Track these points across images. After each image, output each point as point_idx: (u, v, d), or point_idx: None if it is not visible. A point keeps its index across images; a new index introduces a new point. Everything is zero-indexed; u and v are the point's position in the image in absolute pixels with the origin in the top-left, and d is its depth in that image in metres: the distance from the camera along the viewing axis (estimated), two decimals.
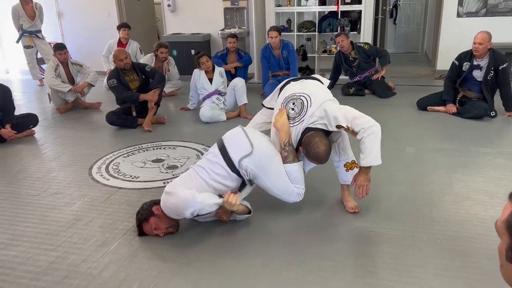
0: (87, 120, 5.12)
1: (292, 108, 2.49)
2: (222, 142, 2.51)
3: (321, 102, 2.43)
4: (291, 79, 2.78)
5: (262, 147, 2.46)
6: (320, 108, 2.41)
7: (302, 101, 2.47)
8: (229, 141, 2.49)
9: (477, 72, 4.45)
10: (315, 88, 2.60)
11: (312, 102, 2.45)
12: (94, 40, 7.39)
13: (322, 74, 6.80)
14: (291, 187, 2.42)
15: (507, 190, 2.90)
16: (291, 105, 2.50)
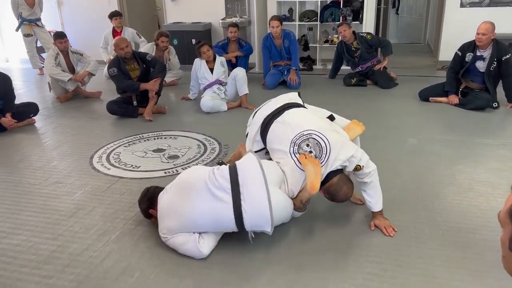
0: (87, 109, 5.09)
1: (309, 151, 2.21)
2: (239, 207, 2.09)
3: (341, 143, 2.23)
4: (271, 116, 2.42)
5: (279, 214, 2.17)
6: (345, 152, 2.20)
7: (317, 142, 2.20)
8: (249, 209, 2.08)
9: (480, 63, 4.42)
10: (314, 120, 2.36)
11: (330, 142, 2.20)
12: (94, 29, 7.33)
13: (323, 64, 6.78)
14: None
15: (509, 181, 2.91)
16: (305, 147, 2.22)
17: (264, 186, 2.09)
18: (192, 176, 2.29)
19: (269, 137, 2.40)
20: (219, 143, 3.80)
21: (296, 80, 5.58)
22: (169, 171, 3.27)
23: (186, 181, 2.27)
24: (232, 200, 2.09)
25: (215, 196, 2.11)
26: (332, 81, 5.98)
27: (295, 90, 5.44)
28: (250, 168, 2.19)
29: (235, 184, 2.12)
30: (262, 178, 2.11)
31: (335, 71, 6.03)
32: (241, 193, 2.09)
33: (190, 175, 2.32)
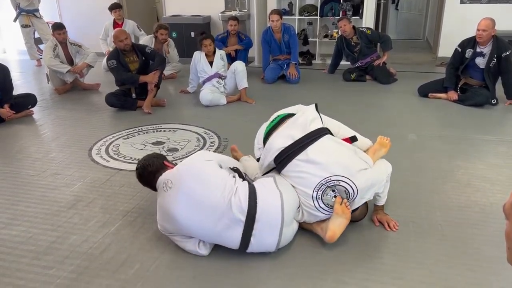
0: (86, 101, 5.07)
1: (334, 195, 2.11)
2: (248, 239, 2.03)
3: (369, 186, 2.12)
4: (290, 150, 2.14)
5: (283, 243, 2.14)
6: (371, 193, 2.16)
7: (345, 189, 2.08)
8: (256, 244, 2.05)
9: (479, 59, 4.42)
10: (341, 159, 2.13)
11: (358, 189, 2.08)
12: (93, 20, 7.28)
13: (323, 58, 6.77)
14: None
15: (508, 177, 2.92)
16: (331, 192, 2.10)
17: (278, 232, 2.03)
18: (206, 192, 2.03)
19: (288, 173, 2.17)
20: (218, 136, 3.79)
21: (295, 74, 5.58)
22: None
23: (200, 194, 2.03)
24: (242, 232, 2.01)
25: (226, 226, 2.01)
26: (332, 76, 5.97)
27: (295, 84, 5.53)
28: (270, 210, 2.03)
29: (251, 219, 2.00)
30: (279, 225, 2.02)
31: (334, 66, 6.03)
32: (254, 228, 2.00)
33: (204, 189, 2.04)
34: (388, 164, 2.32)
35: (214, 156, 2.41)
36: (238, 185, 2.08)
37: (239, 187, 2.07)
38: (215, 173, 2.12)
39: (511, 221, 0.94)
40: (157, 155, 2.38)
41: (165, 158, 2.37)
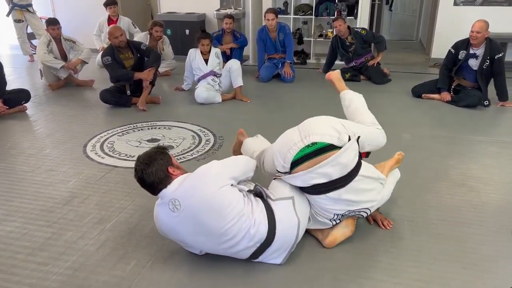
0: (80, 98, 5.04)
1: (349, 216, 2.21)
2: (257, 257, 2.02)
3: (377, 205, 2.23)
4: (322, 188, 2.02)
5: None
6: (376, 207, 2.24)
7: (362, 215, 2.21)
8: (263, 259, 2.05)
9: (472, 61, 4.47)
10: (366, 194, 2.12)
11: (370, 212, 2.20)
12: (87, 16, 7.22)
13: (317, 58, 6.79)
14: None
15: (500, 177, 2.96)
16: (348, 214, 2.17)
17: (288, 251, 2.04)
18: (221, 224, 1.90)
19: (313, 199, 2.12)
20: (213, 134, 3.79)
21: (290, 73, 5.59)
22: None
23: (213, 225, 1.91)
24: (253, 252, 1.99)
25: (239, 249, 1.97)
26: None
27: (289, 83, 5.54)
28: (286, 237, 2.01)
29: (266, 245, 1.98)
30: (290, 247, 2.04)
31: (329, 66, 6.04)
32: (267, 250, 2.00)
33: (219, 221, 1.91)
34: (397, 174, 2.43)
35: (228, 172, 2.03)
36: (256, 216, 1.95)
37: (257, 218, 1.95)
38: (230, 203, 1.91)
39: None
40: (161, 156, 1.99)
41: (169, 160, 2.01)
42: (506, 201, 2.66)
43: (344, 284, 1.96)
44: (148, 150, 2.04)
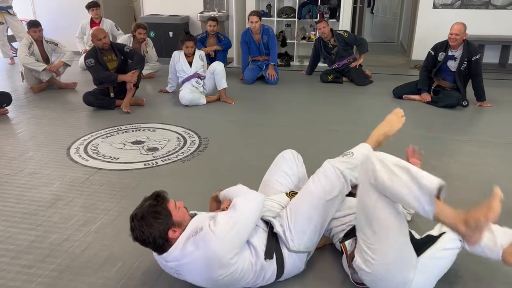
0: (62, 100, 5.00)
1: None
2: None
3: None
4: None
5: None
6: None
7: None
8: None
9: (451, 63, 4.59)
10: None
11: None
12: (68, 18, 7.18)
13: (301, 60, 6.87)
14: None
15: (479, 175, 3.05)
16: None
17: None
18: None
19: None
20: (198, 136, 3.81)
21: (274, 75, 5.64)
22: (148, 163, 3.27)
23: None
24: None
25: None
26: (309, 77, 6.07)
27: (273, 85, 5.59)
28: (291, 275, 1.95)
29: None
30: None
31: (312, 68, 6.13)
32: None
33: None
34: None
35: (238, 241, 1.73)
36: (264, 274, 1.84)
37: (266, 275, 1.85)
38: (239, 279, 1.77)
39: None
40: (158, 219, 1.68)
41: (169, 219, 1.70)
42: (484, 198, 2.74)
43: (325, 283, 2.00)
44: (143, 207, 1.71)
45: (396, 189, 1.62)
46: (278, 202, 2.03)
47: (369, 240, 1.70)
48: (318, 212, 1.90)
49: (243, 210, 1.77)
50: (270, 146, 3.58)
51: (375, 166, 1.67)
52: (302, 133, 3.89)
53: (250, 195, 1.88)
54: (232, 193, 1.95)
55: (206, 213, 1.91)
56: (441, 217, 1.63)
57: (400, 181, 1.62)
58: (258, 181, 2.33)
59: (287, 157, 2.28)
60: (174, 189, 2.85)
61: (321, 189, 1.92)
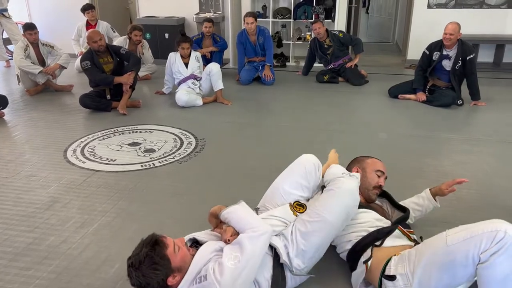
0: (59, 103, 5.00)
1: None
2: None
3: None
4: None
5: None
6: None
7: None
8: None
9: (446, 62, 4.62)
10: None
11: None
12: (64, 21, 7.17)
13: (297, 61, 6.89)
14: None
15: (473, 173, 3.07)
16: None
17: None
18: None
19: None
20: (195, 137, 3.82)
21: (270, 76, 5.66)
22: (145, 165, 3.27)
23: None
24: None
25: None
26: (305, 78, 6.09)
27: (270, 86, 5.61)
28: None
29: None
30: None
31: (308, 68, 6.15)
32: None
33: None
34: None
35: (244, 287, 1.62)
36: None
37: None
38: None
39: None
40: (156, 270, 1.54)
41: (168, 266, 1.56)
42: (479, 195, 2.77)
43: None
44: (140, 255, 1.56)
45: None
46: (282, 219, 1.93)
47: (424, 276, 1.60)
48: (331, 239, 1.87)
49: (251, 253, 1.59)
50: (267, 147, 3.61)
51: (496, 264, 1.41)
52: (299, 133, 3.91)
53: (259, 235, 1.64)
54: (236, 220, 1.74)
55: (207, 246, 1.71)
56: None
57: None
58: (254, 182, 2.34)
59: (308, 168, 2.06)
60: (171, 190, 2.87)
61: (338, 220, 1.82)
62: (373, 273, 1.81)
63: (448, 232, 1.57)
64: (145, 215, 2.56)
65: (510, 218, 1.78)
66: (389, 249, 1.83)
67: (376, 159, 2.25)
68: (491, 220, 1.51)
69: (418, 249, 1.68)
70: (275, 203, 2.05)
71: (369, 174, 2.12)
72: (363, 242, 1.88)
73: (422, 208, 2.27)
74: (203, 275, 1.56)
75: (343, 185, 1.82)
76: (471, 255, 1.43)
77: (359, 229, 1.94)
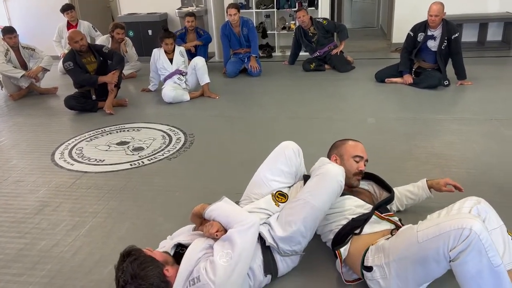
0: (44, 106, 4.93)
1: None
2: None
3: None
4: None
5: None
6: None
7: None
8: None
9: (431, 42, 4.62)
10: None
11: None
12: (44, 22, 7.06)
13: (282, 50, 6.87)
14: None
15: (461, 152, 3.09)
16: None
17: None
18: None
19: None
20: (184, 133, 3.79)
21: (257, 67, 5.63)
22: (135, 163, 3.25)
23: None
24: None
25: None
26: (292, 67, 6.07)
27: (256, 77, 5.58)
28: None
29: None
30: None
31: (294, 57, 6.13)
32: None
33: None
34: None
35: (239, 281, 1.62)
36: (262, 284, 1.84)
37: (263, 283, 1.85)
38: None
39: None
40: (147, 264, 1.54)
41: (158, 264, 1.57)
42: (468, 174, 2.79)
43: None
44: (127, 269, 1.51)
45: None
46: (265, 211, 1.94)
47: (400, 269, 1.61)
48: (317, 223, 1.85)
49: (243, 248, 1.59)
50: (257, 139, 3.59)
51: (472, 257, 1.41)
52: (288, 123, 3.90)
53: (248, 228, 1.64)
54: (222, 216, 1.73)
55: (195, 245, 1.68)
56: None
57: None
58: (245, 175, 2.31)
59: (288, 154, 2.07)
60: (162, 187, 2.85)
61: (324, 205, 1.81)
62: (354, 263, 1.81)
63: (418, 227, 1.57)
64: (137, 214, 2.54)
65: (499, 195, 1.80)
66: (368, 236, 1.83)
67: (354, 142, 2.17)
68: (459, 215, 1.52)
69: (391, 242, 1.68)
70: (259, 192, 2.05)
71: (347, 162, 2.06)
72: (343, 232, 1.87)
73: (416, 197, 2.27)
74: (195, 277, 1.54)
75: (329, 170, 1.81)
76: (441, 251, 1.44)
77: (339, 217, 1.93)
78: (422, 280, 1.60)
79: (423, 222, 1.69)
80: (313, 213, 1.79)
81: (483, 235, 1.39)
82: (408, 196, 2.28)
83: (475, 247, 1.38)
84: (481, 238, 1.38)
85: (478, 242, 1.38)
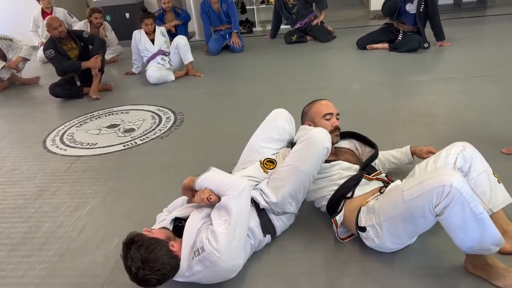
0: (28, 96, 4.89)
1: None
2: None
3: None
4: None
5: None
6: None
7: None
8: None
9: (409, 6, 4.68)
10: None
11: None
12: (20, 12, 6.88)
13: (263, 25, 6.85)
14: None
15: (444, 110, 3.20)
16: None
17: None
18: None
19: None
20: (173, 112, 3.83)
21: (239, 43, 5.63)
22: (127, 144, 3.28)
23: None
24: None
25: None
26: (274, 40, 6.09)
27: (239, 53, 5.59)
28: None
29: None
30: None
31: (275, 31, 6.14)
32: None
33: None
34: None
35: (241, 243, 1.70)
36: (262, 243, 1.93)
37: (264, 242, 1.94)
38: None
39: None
40: (152, 244, 1.56)
41: (162, 242, 1.61)
42: (452, 130, 2.90)
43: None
44: (134, 257, 1.52)
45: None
46: (254, 178, 2.00)
47: (391, 228, 1.70)
48: (307, 186, 1.92)
49: (239, 213, 1.68)
50: (244, 112, 3.65)
51: (454, 203, 1.49)
52: (274, 96, 3.96)
53: (240, 192, 1.71)
54: (214, 185, 1.79)
55: (193, 216, 1.76)
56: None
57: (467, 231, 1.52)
58: (236, 147, 2.36)
59: (280, 122, 2.15)
60: (158, 165, 2.91)
61: (311, 169, 1.87)
62: (349, 225, 1.90)
63: (403, 186, 1.65)
64: (136, 191, 2.60)
65: (481, 148, 1.89)
66: (359, 198, 1.90)
67: (319, 101, 2.17)
68: (440, 172, 1.58)
69: (380, 202, 1.77)
70: (253, 159, 2.11)
71: (320, 123, 2.09)
72: (335, 198, 1.94)
73: (398, 161, 2.32)
74: (199, 247, 1.62)
75: (314, 134, 1.86)
76: (427, 208, 1.53)
77: (329, 183, 1.99)
78: (413, 233, 1.72)
79: (407, 180, 1.77)
80: (301, 178, 1.87)
81: (463, 189, 1.47)
82: (390, 160, 2.35)
83: (457, 201, 1.47)
84: (462, 192, 1.47)
85: (459, 196, 1.47)
